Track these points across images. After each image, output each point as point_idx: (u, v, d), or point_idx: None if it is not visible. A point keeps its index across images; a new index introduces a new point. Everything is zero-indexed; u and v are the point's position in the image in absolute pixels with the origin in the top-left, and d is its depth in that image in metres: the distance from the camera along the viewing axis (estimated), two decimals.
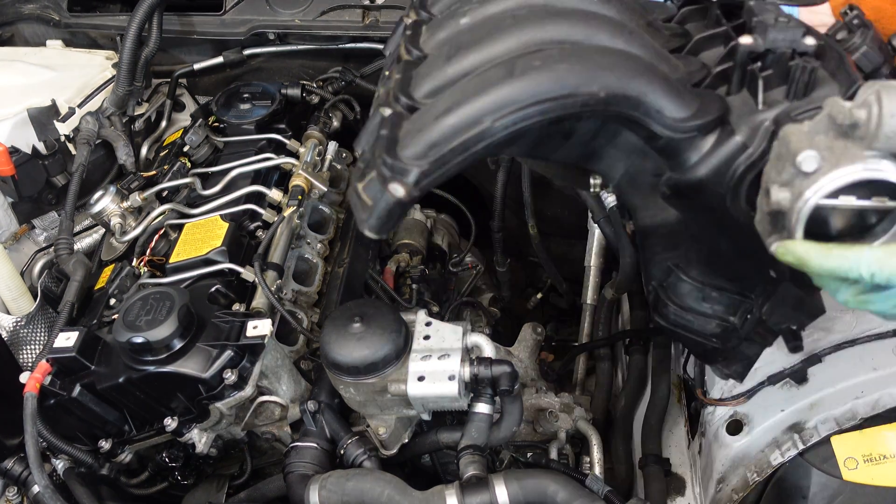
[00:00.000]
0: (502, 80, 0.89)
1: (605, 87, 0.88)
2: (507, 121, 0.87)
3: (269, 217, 1.64)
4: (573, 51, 0.93)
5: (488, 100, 0.88)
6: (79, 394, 1.32)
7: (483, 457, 1.34)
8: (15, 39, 2.23)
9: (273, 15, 2.07)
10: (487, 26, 1.01)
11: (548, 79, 0.88)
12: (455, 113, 0.88)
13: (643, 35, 1.01)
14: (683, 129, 0.91)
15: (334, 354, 1.35)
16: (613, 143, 1.02)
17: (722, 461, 1.46)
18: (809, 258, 0.81)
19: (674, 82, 0.94)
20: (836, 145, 0.81)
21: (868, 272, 0.78)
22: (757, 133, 0.90)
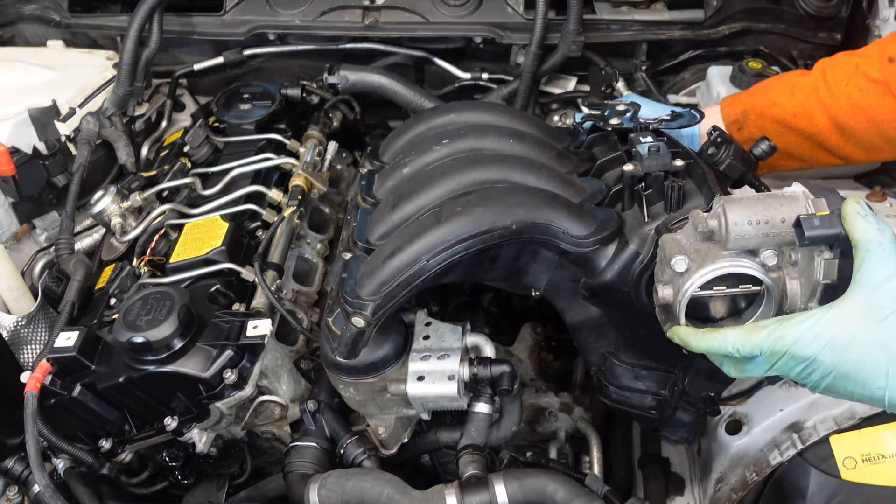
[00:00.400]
0: (432, 226, 1.12)
1: (516, 221, 1.11)
2: (439, 258, 1.10)
3: (269, 217, 1.65)
4: (489, 193, 1.16)
5: (422, 243, 1.11)
6: (79, 393, 1.32)
7: (482, 456, 1.34)
8: (16, 40, 2.23)
9: (273, 15, 2.07)
10: (423, 176, 1.26)
11: (468, 221, 1.11)
12: (398, 256, 1.11)
13: (551, 167, 1.26)
14: (586, 244, 1.13)
15: (334, 354, 1.35)
16: (535, 260, 1.21)
17: (721, 461, 1.46)
18: (689, 340, 1.00)
19: (575, 207, 1.16)
20: (702, 248, 1.01)
21: (733, 348, 0.96)
22: (645, 242, 1.11)
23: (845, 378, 0.92)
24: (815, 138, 1.43)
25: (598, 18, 1.99)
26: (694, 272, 0.99)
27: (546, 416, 1.75)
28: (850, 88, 1.37)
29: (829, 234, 0.91)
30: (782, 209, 0.96)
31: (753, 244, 0.98)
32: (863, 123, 1.37)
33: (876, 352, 0.89)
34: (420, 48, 2.10)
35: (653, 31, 1.98)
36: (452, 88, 2.12)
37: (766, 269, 0.99)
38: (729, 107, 1.52)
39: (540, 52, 1.92)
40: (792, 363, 0.93)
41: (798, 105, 1.43)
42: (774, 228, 0.96)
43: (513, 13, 2.00)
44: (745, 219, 0.96)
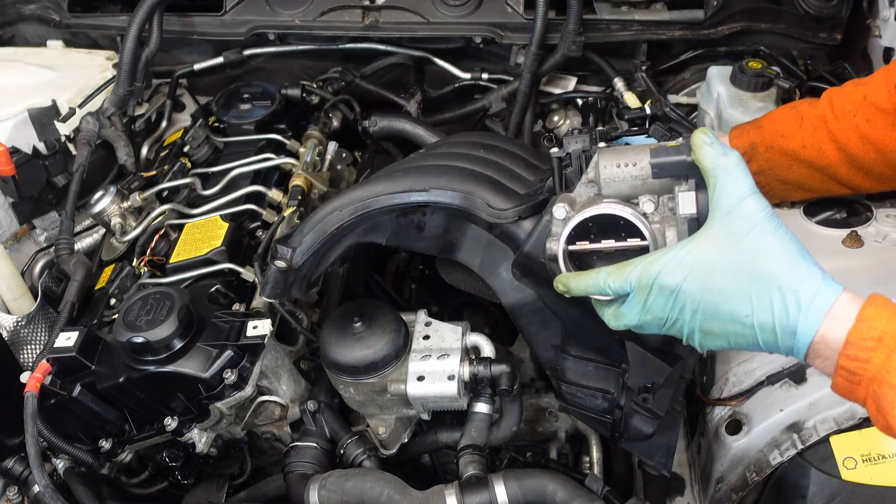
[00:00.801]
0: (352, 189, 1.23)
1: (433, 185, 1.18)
2: (351, 210, 1.20)
3: (268, 217, 1.65)
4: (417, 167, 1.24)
5: (343, 199, 1.22)
6: (79, 393, 1.32)
7: (483, 456, 1.35)
8: (16, 40, 2.23)
9: (273, 15, 2.07)
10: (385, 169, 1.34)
11: (385, 183, 1.21)
12: (319, 212, 1.23)
13: (501, 163, 1.29)
14: (505, 215, 1.18)
15: (334, 354, 1.35)
16: (465, 237, 1.26)
17: (721, 461, 1.46)
18: (569, 282, 1.03)
19: (502, 186, 1.21)
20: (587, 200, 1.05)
21: (605, 284, 0.97)
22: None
23: (714, 311, 0.90)
24: (825, 170, 1.41)
25: (598, 18, 1.99)
26: (569, 218, 1.04)
27: (546, 416, 1.75)
28: (858, 119, 1.35)
29: (675, 160, 0.94)
30: (650, 154, 0.99)
31: (627, 189, 1.01)
32: (872, 154, 1.36)
33: (737, 276, 0.88)
34: (420, 48, 2.10)
35: (653, 31, 1.98)
36: (452, 88, 2.12)
37: (646, 217, 1.00)
38: (737, 139, 1.49)
39: (540, 52, 1.92)
40: (661, 299, 0.93)
41: (807, 137, 1.40)
42: (643, 171, 0.99)
43: (513, 13, 2.00)
44: (614, 162, 1.00)
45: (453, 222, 1.24)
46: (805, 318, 0.87)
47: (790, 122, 1.43)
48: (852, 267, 1.34)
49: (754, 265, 0.88)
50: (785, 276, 0.87)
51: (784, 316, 0.88)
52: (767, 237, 0.88)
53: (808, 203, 1.49)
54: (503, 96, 2.04)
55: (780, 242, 0.89)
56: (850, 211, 1.48)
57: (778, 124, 1.45)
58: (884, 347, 0.84)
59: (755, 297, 0.88)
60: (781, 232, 0.89)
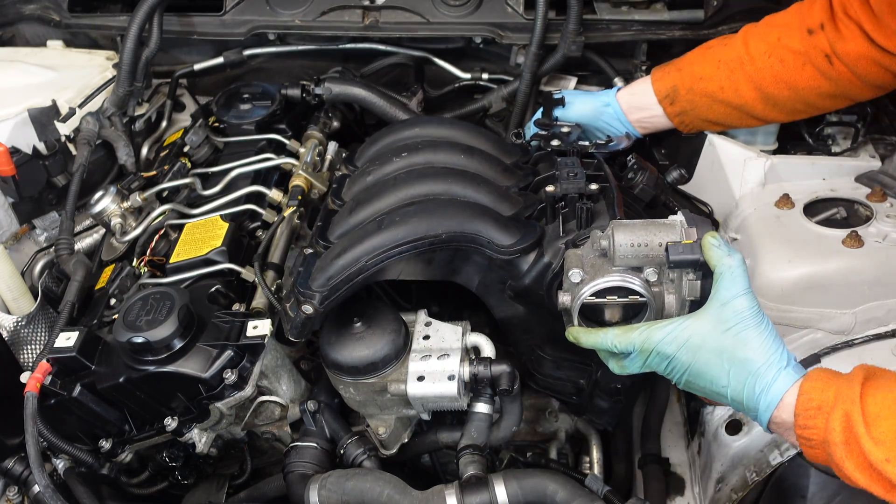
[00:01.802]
0: (374, 232, 1.30)
1: (446, 230, 1.29)
2: (376, 259, 1.29)
3: (269, 217, 1.65)
4: (427, 206, 1.34)
5: (364, 246, 1.29)
6: (79, 393, 1.32)
7: (483, 456, 1.35)
8: (16, 40, 2.23)
9: (273, 15, 2.07)
10: (378, 186, 1.45)
11: (404, 229, 1.29)
12: (343, 256, 1.30)
13: (490, 182, 1.44)
14: (509, 252, 1.30)
15: (334, 354, 1.35)
16: (467, 263, 1.37)
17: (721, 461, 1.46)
18: (580, 337, 1.19)
19: (502, 219, 1.34)
20: (596, 263, 1.19)
21: (612, 344, 1.14)
22: (558, 254, 1.28)
23: (698, 375, 1.09)
24: (742, 108, 1.52)
25: (598, 18, 1.99)
26: (587, 283, 1.18)
27: (546, 416, 1.75)
28: (772, 60, 1.46)
29: (689, 258, 1.10)
30: (660, 235, 1.15)
31: (637, 263, 1.16)
32: (786, 92, 1.46)
33: (720, 356, 1.06)
34: (420, 48, 2.10)
35: (653, 31, 1.98)
36: (452, 88, 2.12)
37: (648, 284, 1.16)
38: (659, 81, 1.61)
39: (540, 52, 1.92)
40: (658, 359, 1.11)
41: (724, 79, 1.51)
42: (653, 251, 1.14)
43: (513, 13, 2.00)
44: (628, 241, 1.14)
45: (458, 254, 1.35)
46: (764, 398, 1.04)
47: (707, 64, 1.54)
48: (852, 267, 1.34)
49: (736, 350, 1.05)
50: (757, 364, 1.05)
51: (751, 396, 1.05)
52: (750, 331, 1.05)
53: (808, 203, 1.49)
54: (503, 96, 2.04)
55: (760, 336, 1.05)
56: (850, 211, 1.48)
57: (696, 66, 1.56)
58: (822, 414, 0.99)
59: (732, 375, 1.06)
60: (762, 326, 1.06)
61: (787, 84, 1.45)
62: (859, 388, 0.98)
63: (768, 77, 1.46)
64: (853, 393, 0.98)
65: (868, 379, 1.00)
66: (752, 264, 1.43)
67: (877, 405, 0.96)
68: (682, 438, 1.69)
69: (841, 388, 0.99)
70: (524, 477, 1.27)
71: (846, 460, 0.97)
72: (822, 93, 1.44)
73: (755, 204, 1.53)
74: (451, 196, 1.39)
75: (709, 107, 1.55)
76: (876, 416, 0.95)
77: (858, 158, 1.61)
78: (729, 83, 1.51)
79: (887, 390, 0.97)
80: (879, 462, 0.93)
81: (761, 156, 1.57)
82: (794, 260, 1.37)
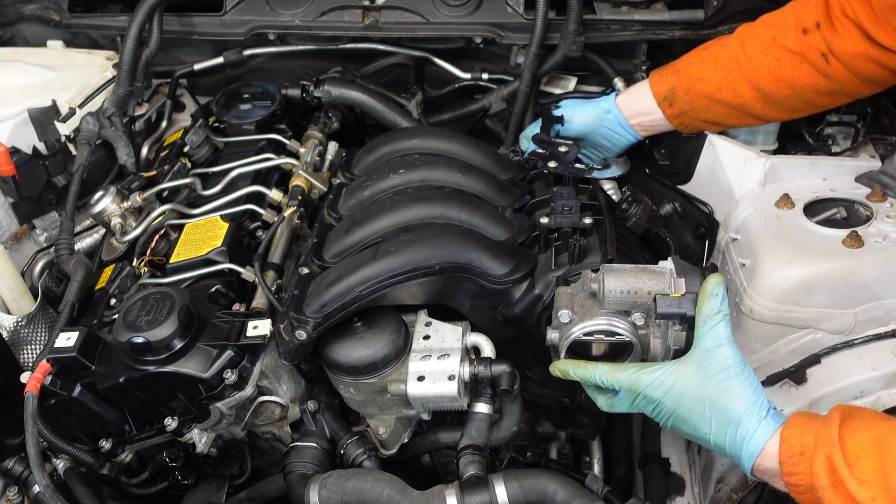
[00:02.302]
0: (368, 261, 1.32)
1: (440, 261, 1.31)
2: (370, 290, 1.31)
3: (269, 217, 1.65)
4: (421, 235, 1.35)
5: (358, 276, 1.31)
6: (79, 394, 1.32)
7: (483, 457, 1.35)
8: (16, 40, 2.23)
9: (273, 15, 2.07)
10: (375, 206, 1.47)
11: (398, 259, 1.31)
12: (337, 285, 1.32)
13: (485, 206, 1.47)
14: (501, 282, 1.32)
15: (334, 354, 1.35)
16: (459, 289, 1.39)
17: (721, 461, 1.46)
18: (568, 369, 1.23)
19: (495, 247, 1.36)
20: (586, 304, 1.24)
21: (600, 379, 1.18)
22: (548, 287, 1.31)
23: (683, 421, 1.13)
24: (742, 108, 1.53)
25: (598, 18, 1.99)
26: (575, 324, 1.23)
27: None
28: (769, 59, 1.46)
29: (676, 312, 1.13)
30: (650, 283, 1.19)
31: (625, 307, 1.21)
32: (784, 90, 1.47)
33: (703, 403, 1.10)
34: (420, 48, 2.10)
35: (653, 31, 1.98)
36: (452, 88, 2.12)
37: (635, 327, 1.21)
38: (657, 84, 1.61)
39: (540, 53, 1.92)
40: (645, 402, 1.15)
41: (722, 79, 1.52)
42: (641, 297, 1.19)
43: (513, 13, 2.00)
44: (618, 287, 1.19)
45: (451, 281, 1.37)
46: (746, 448, 1.07)
47: (705, 65, 1.55)
48: (853, 267, 1.34)
49: (718, 399, 1.09)
50: (738, 413, 1.08)
51: (733, 444, 1.09)
52: (732, 380, 1.09)
53: (809, 203, 1.49)
54: (503, 96, 2.04)
55: (741, 386, 1.09)
56: (850, 211, 1.48)
57: (693, 68, 1.57)
58: (805, 459, 1.02)
59: (714, 423, 1.10)
60: (744, 376, 1.10)
61: (784, 82, 1.46)
62: (837, 430, 1.01)
63: (765, 76, 1.47)
64: (832, 436, 1.01)
65: (845, 419, 1.03)
66: (753, 264, 1.43)
67: (856, 445, 0.99)
68: (682, 439, 1.69)
69: (820, 433, 1.02)
70: (524, 477, 1.27)
71: (835, 502, 0.99)
72: (820, 90, 1.45)
73: (755, 204, 1.53)
74: (446, 219, 1.41)
75: (707, 107, 1.56)
76: (857, 456, 0.98)
77: (858, 158, 1.61)
78: (727, 83, 1.51)
79: (864, 430, 1.00)
80: (866, 501, 0.95)
81: (761, 156, 1.57)
82: (795, 260, 1.37)
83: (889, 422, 1.02)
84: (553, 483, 1.26)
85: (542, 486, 1.25)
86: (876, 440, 0.98)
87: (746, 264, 1.45)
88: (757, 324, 1.41)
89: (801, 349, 1.39)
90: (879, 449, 0.97)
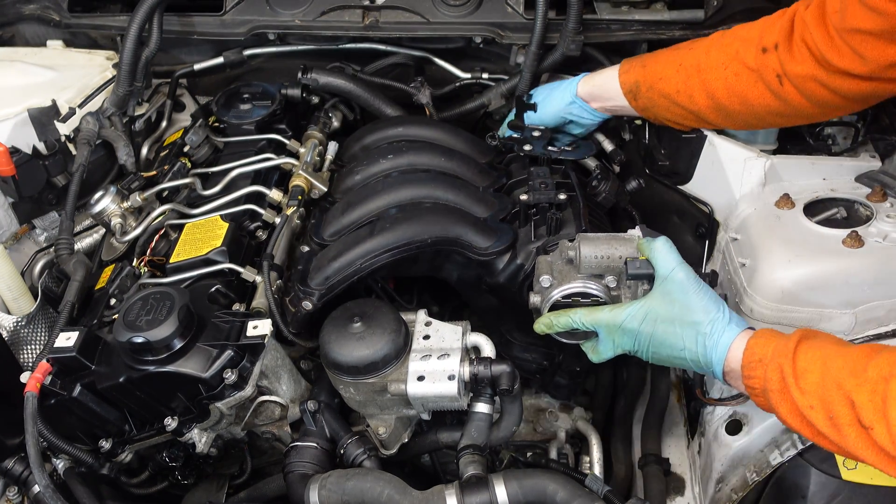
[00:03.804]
0: (366, 237, 1.46)
1: (431, 235, 1.46)
2: (369, 262, 1.45)
3: (269, 217, 1.65)
4: (413, 213, 1.50)
5: (358, 250, 1.45)
6: (79, 393, 1.32)
7: (483, 456, 1.35)
8: (15, 40, 2.23)
9: (273, 15, 2.07)
10: (368, 189, 1.61)
11: (394, 235, 1.45)
12: (339, 259, 1.46)
13: (469, 185, 1.62)
14: (486, 254, 1.48)
15: (334, 354, 1.35)
16: (448, 262, 1.53)
17: (721, 461, 1.46)
18: (550, 322, 1.34)
19: (480, 223, 1.51)
20: (563, 269, 1.37)
21: (580, 323, 1.30)
22: (529, 257, 1.46)
23: (660, 345, 1.25)
24: (697, 114, 1.55)
25: (598, 18, 1.99)
26: (555, 288, 1.35)
27: (546, 416, 1.75)
28: (727, 72, 1.47)
29: (644, 273, 1.27)
30: (620, 248, 1.32)
31: (599, 271, 1.34)
32: (738, 105, 1.48)
33: (673, 324, 1.23)
34: (420, 48, 2.10)
35: (653, 30, 1.98)
36: (452, 88, 2.12)
37: (609, 289, 1.34)
38: (625, 74, 1.63)
39: (540, 52, 1.92)
40: (626, 338, 1.28)
41: (681, 83, 1.53)
42: (613, 262, 1.32)
43: (513, 13, 2.00)
44: (592, 253, 1.32)
45: (441, 254, 1.50)
46: (715, 353, 1.20)
47: (669, 65, 1.57)
48: (853, 267, 1.34)
49: (684, 316, 1.22)
50: (703, 324, 1.21)
51: (704, 353, 1.21)
52: (691, 296, 1.22)
53: (809, 203, 1.49)
54: (502, 93, 2.04)
55: (700, 300, 1.22)
56: (850, 211, 1.48)
57: (658, 66, 1.58)
58: (762, 366, 1.14)
59: (686, 338, 1.22)
60: (702, 292, 1.23)
61: (739, 97, 1.47)
62: (794, 345, 1.12)
63: (721, 88, 1.48)
64: (788, 349, 1.12)
65: (803, 339, 1.13)
66: (753, 264, 1.43)
67: (806, 361, 1.10)
68: (682, 438, 1.69)
69: (779, 345, 1.14)
70: (524, 477, 1.27)
71: (780, 405, 1.12)
72: (772, 110, 1.46)
73: (755, 204, 1.53)
74: (433, 199, 1.55)
75: (667, 107, 1.58)
76: (804, 370, 1.10)
77: (858, 158, 1.61)
78: (685, 88, 1.53)
79: (817, 349, 1.11)
80: (805, 408, 1.08)
81: (761, 156, 1.57)
82: (795, 260, 1.37)
83: (840, 345, 1.12)
84: (553, 483, 1.26)
85: (542, 486, 1.25)
86: (822, 358, 1.09)
87: (746, 264, 1.45)
88: (757, 323, 1.41)
89: None
90: (824, 366, 1.08)
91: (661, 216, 1.80)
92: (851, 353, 1.09)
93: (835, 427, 1.05)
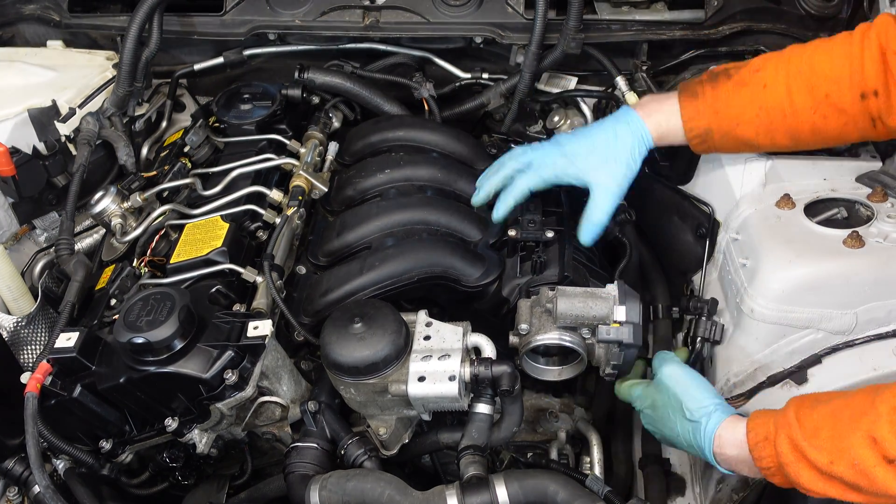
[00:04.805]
0: (355, 275, 1.52)
1: (419, 271, 1.52)
2: (361, 295, 1.51)
3: (269, 217, 1.64)
4: (402, 247, 1.55)
5: (347, 288, 1.51)
6: (79, 394, 1.32)
7: (483, 457, 1.34)
8: (15, 40, 2.23)
9: (273, 15, 2.07)
10: (363, 211, 1.66)
11: (380, 272, 1.51)
12: (330, 295, 1.52)
13: (461, 210, 1.66)
14: (473, 285, 1.54)
15: (335, 355, 1.35)
16: (437, 287, 1.56)
17: None
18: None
19: (470, 253, 1.57)
20: (542, 317, 1.45)
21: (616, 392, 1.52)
22: (513, 292, 1.55)
23: (662, 427, 1.37)
24: (770, 149, 1.54)
25: (598, 18, 1.99)
26: (532, 335, 1.44)
27: (547, 416, 1.75)
28: (815, 116, 1.41)
29: (614, 339, 1.37)
30: (595, 307, 1.39)
31: (574, 324, 1.41)
32: (815, 140, 1.46)
33: (668, 411, 1.34)
34: (420, 48, 2.10)
35: (653, 31, 1.98)
36: (453, 88, 2.12)
37: (582, 339, 1.43)
38: (692, 121, 1.49)
39: (540, 52, 1.92)
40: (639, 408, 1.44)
41: (762, 127, 1.46)
42: (587, 319, 1.40)
43: (513, 13, 2.00)
44: (568, 308, 1.39)
45: (429, 284, 1.54)
46: (704, 440, 1.26)
47: (747, 108, 1.46)
48: (853, 267, 1.34)
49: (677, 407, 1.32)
50: (693, 416, 1.28)
51: (694, 443, 1.28)
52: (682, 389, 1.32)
53: (809, 203, 1.49)
54: (501, 92, 2.04)
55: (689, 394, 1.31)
56: (851, 211, 1.48)
57: (734, 110, 1.47)
58: (769, 443, 1.16)
59: (679, 427, 1.31)
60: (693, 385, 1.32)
61: (821, 136, 1.44)
62: (794, 412, 1.13)
63: (807, 131, 1.43)
64: (789, 418, 1.13)
65: (800, 405, 1.15)
66: (753, 264, 1.43)
67: (813, 420, 1.11)
68: None
69: (778, 419, 1.16)
70: (525, 477, 1.27)
71: (800, 475, 1.11)
72: (846, 140, 1.49)
73: (756, 204, 1.53)
74: (426, 224, 1.61)
75: (738, 147, 1.52)
76: (815, 428, 1.10)
77: (859, 158, 1.61)
78: (766, 131, 1.46)
79: (818, 406, 1.12)
80: (826, 466, 1.06)
81: (762, 156, 1.57)
82: (795, 260, 1.37)
83: (837, 397, 1.13)
84: (554, 483, 1.25)
85: (542, 487, 1.25)
86: (828, 412, 1.10)
87: (747, 264, 1.45)
88: (758, 324, 1.41)
89: (801, 349, 1.39)
90: (833, 418, 1.09)
91: (662, 216, 1.80)
92: (853, 398, 1.10)
93: (861, 473, 1.04)
